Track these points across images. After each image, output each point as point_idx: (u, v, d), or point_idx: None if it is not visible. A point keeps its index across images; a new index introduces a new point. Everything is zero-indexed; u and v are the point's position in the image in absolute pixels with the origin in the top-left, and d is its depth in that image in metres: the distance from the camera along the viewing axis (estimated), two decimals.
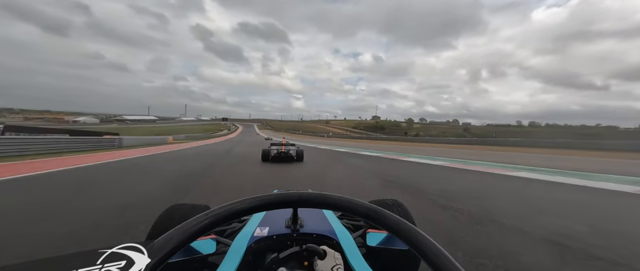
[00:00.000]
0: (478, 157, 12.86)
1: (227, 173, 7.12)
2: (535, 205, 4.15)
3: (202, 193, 4.62)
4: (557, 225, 3.11)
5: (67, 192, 4.52)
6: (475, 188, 5.57)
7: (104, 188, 4.95)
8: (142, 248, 0.44)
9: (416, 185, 5.72)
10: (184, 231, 0.49)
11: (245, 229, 0.96)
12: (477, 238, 2.64)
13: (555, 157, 13.36)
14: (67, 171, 6.84)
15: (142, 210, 3.40)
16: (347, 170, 8.43)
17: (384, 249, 1.01)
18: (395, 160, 11.48)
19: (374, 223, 0.54)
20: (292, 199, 0.58)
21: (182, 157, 11.70)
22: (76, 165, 8.00)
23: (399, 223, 0.52)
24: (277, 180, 6.29)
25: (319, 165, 9.70)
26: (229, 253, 0.81)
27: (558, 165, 9.49)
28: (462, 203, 4.00)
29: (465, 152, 16.85)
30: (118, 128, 64.04)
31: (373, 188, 5.34)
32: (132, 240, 0.46)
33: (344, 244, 0.84)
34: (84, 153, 12.12)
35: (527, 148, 20.05)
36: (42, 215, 3.18)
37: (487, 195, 4.91)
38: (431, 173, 7.72)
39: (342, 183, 6.17)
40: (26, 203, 3.74)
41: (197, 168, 7.85)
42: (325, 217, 1.05)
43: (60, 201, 3.90)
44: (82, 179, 5.88)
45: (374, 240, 1.04)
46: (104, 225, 2.88)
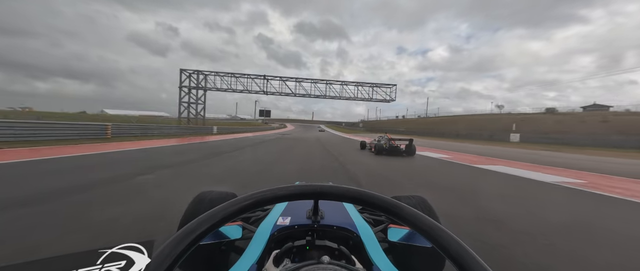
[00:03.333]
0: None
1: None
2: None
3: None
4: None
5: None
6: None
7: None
8: (142, 248, 0.43)
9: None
10: (213, 216, 0.51)
11: (269, 218, 1.01)
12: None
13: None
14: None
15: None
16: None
17: (406, 245, 1.00)
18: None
19: (394, 218, 0.53)
20: (313, 191, 0.58)
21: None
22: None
23: (420, 219, 0.50)
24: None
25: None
26: (254, 239, 0.86)
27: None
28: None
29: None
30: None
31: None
32: (132, 239, 0.45)
33: (364, 238, 0.84)
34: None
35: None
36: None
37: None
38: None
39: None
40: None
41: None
42: (346, 210, 1.05)
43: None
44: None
45: (396, 235, 1.03)
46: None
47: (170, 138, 17.87)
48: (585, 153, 18.71)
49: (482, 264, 0.42)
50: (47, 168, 5.58)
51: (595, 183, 6.41)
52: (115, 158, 7.52)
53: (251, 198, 0.55)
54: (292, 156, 10.37)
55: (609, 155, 17.64)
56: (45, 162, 6.31)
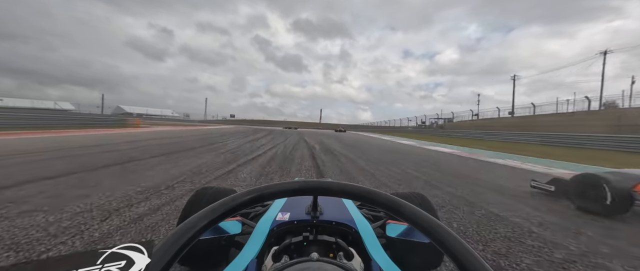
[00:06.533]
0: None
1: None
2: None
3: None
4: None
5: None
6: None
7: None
8: (142, 248, 0.43)
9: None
10: (213, 211, 0.51)
11: (268, 213, 1.01)
12: None
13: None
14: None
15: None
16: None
17: (404, 240, 1.01)
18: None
19: (393, 214, 0.53)
20: (313, 187, 0.59)
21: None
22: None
23: (418, 215, 0.50)
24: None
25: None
26: (253, 235, 0.87)
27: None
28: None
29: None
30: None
31: None
32: (133, 240, 0.44)
33: (362, 233, 0.85)
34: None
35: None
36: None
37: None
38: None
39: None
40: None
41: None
42: (345, 206, 1.05)
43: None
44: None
45: (394, 231, 1.04)
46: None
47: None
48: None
49: (480, 260, 0.42)
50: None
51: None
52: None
53: (251, 194, 0.55)
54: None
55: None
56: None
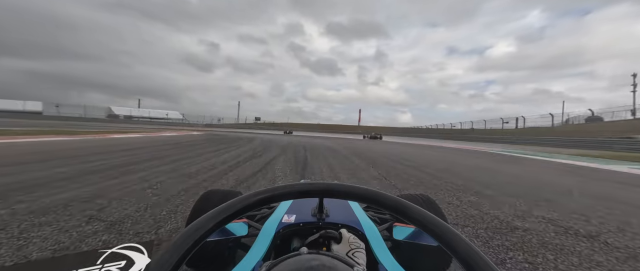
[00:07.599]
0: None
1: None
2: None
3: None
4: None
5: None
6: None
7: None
8: (142, 248, 0.43)
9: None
10: (221, 213, 0.51)
11: (274, 215, 1.01)
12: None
13: None
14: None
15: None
16: None
17: (411, 243, 1.00)
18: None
19: (400, 216, 0.52)
20: (319, 189, 0.58)
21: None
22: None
23: (425, 217, 0.49)
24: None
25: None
26: (260, 237, 0.87)
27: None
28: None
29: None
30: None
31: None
32: (133, 239, 0.44)
33: (369, 236, 0.84)
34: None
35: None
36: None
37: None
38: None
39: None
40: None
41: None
42: (351, 209, 1.04)
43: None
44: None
45: (401, 234, 1.03)
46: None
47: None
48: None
49: (491, 264, 0.40)
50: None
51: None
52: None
53: (257, 196, 0.55)
54: None
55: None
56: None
